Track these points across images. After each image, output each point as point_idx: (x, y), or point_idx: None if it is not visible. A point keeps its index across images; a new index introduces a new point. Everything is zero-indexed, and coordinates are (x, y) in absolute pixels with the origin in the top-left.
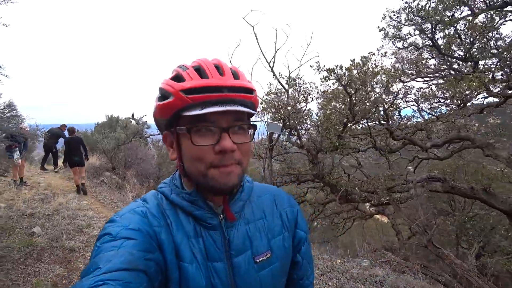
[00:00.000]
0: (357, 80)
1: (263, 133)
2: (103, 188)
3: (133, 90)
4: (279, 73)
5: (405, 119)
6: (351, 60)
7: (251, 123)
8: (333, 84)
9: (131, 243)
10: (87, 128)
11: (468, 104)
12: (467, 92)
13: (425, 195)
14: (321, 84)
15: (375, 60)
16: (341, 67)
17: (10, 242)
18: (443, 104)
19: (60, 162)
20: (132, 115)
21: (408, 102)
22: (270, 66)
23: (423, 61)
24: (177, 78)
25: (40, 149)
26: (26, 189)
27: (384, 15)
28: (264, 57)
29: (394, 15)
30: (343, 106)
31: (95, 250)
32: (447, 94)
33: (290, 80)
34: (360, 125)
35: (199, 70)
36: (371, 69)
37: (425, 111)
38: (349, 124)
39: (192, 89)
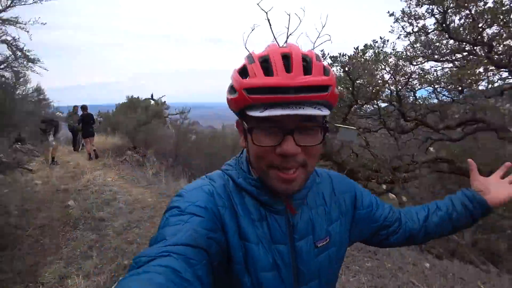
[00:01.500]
0: (360, 66)
1: None
2: (125, 165)
3: (154, 70)
4: None
5: (420, 100)
6: (354, 48)
7: (323, 124)
8: (338, 70)
9: (197, 220)
10: (108, 109)
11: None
12: (470, 78)
13: (434, 176)
14: None
15: (377, 47)
16: (344, 55)
17: (50, 213)
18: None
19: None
20: (152, 95)
21: (424, 83)
22: None
23: (438, 43)
24: (243, 71)
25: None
26: (57, 167)
27: None
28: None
29: None
30: (346, 91)
31: (163, 220)
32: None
33: None
34: (372, 107)
35: (266, 63)
36: (373, 56)
37: (441, 93)
38: (354, 107)
39: (254, 89)
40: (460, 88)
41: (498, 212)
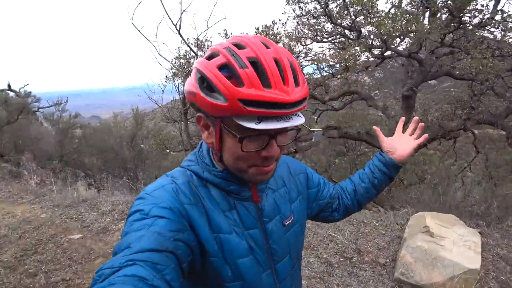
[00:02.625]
0: None
1: (174, 96)
2: None
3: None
4: (188, 38)
5: (307, 75)
6: (255, 28)
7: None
8: None
9: (162, 222)
10: None
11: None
12: (350, 57)
13: (325, 141)
14: None
15: (277, 28)
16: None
17: None
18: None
19: None
20: (9, 85)
21: (309, 61)
22: (176, 29)
23: (320, 26)
24: (232, 75)
25: None
26: None
27: None
28: (170, 18)
29: None
30: None
31: (126, 226)
32: (335, 59)
33: (199, 43)
34: None
35: (258, 68)
36: (272, 36)
37: (324, 70)
38: None
39: (251, 101)
40: (346, 66)
41: None
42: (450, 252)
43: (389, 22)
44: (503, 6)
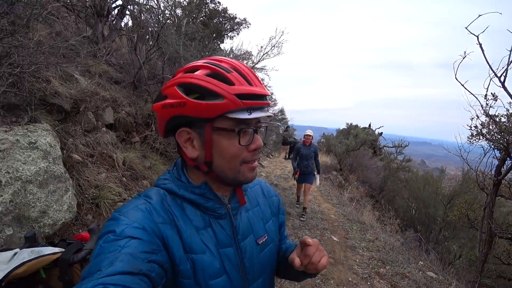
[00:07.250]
0: None
1: (491, 165)
2: (328, 183)
3: (372, 100)
4: None
5: None
6: None
7: (270, 122)
8: None
9: (135, 243)
10: (332, 132)
11: None
12: None
13: None
14: None
15: None
16: None
17: None
18: None
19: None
20: (369, 125)
21: None
22: (500, 81)
23: None
24: (222, 79)
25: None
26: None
27: None
28: (493, 71)
29: None
30: None
31: (97, 248)
32: None
33: None
34: None
35: (239, 73)
36: None
37: None
38: None
39: (244, 95)
40: None
41: None
42: None
43: None
44: None
